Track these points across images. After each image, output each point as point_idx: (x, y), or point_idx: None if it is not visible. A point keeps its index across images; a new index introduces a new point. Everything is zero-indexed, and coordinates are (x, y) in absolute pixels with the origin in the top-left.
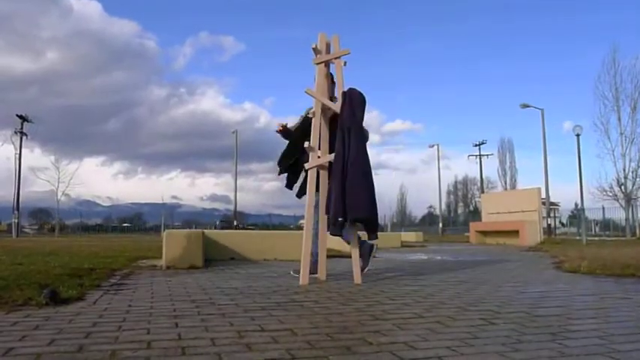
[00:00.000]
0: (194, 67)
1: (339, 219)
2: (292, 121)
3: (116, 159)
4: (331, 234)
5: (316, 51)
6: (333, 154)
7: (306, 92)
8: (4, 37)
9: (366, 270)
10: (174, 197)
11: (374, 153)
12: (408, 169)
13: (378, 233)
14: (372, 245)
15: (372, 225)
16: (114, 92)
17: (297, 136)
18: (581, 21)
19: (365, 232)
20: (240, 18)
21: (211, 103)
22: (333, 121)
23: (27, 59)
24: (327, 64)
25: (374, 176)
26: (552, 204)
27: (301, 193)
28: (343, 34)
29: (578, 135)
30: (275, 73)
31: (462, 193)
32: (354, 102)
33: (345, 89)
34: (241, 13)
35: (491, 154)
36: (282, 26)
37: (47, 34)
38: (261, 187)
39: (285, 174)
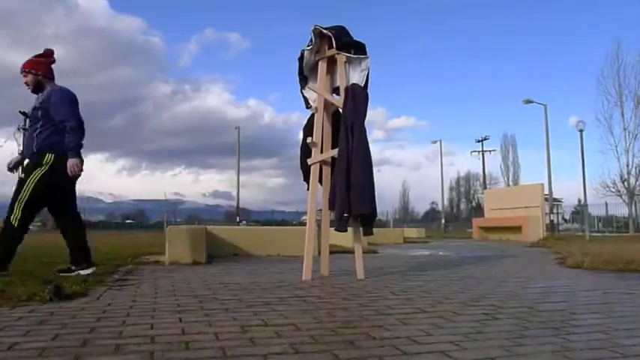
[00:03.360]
0: (199, 63)
1: (345, 215)
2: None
3: (120, 155)
4: (336, 230)
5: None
6: (335, 150)
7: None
8: (10, 34)
9: None
10: (176, 194)
11: (378, 149)
12: (412, 164)
13: (381, 229)
14: None
15: (371, 221)
16: (118, 89)
17: (307, 135)
18: (584, 16)
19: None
20: (245, 14)
21: (216, 99)
22: (335, 116)
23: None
24: (329, 59)
25: (375, 172)
26: (555, 200)
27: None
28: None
29: (581, 130)
30: (280, 70)
31: (465, 189)
32: (357, 98)
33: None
34: (247, 9)
35: (494, 150)
36: (286, 23)
37: (52, 31)
38: (265, 184)
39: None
